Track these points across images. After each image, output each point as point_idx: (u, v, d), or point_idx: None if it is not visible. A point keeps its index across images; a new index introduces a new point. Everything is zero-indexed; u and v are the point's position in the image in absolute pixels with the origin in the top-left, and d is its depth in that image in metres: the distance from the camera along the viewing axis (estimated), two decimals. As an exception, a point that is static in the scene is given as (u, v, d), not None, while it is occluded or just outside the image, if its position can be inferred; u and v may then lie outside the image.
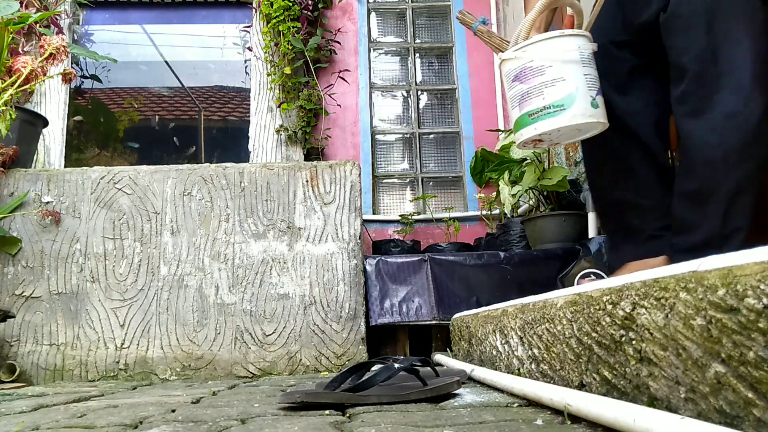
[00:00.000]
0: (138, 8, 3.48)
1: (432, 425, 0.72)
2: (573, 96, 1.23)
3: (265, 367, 1.85)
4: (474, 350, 1.41)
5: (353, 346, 1.89)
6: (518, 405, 0.87)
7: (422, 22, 3.56)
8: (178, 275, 1.92)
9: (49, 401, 1.19)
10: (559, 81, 1.24)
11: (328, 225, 1.98)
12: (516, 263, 2.19)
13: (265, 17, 3.18)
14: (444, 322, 2.05)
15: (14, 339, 1.86)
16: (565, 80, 1.24)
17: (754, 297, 0.44)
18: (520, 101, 1.29)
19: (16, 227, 1.95)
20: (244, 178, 2.01)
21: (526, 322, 0.98)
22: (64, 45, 1.90)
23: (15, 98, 1.88)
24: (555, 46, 1.27)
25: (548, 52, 1.27)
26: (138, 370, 1.84)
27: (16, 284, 1.90)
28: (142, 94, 3.77)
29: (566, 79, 1.24)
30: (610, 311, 0.68)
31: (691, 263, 0.54)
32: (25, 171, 2.03)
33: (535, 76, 1.26)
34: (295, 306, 1.91)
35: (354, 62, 3.35)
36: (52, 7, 3.05)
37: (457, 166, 3.31)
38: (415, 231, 2.99)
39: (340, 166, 2.04)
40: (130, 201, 1.98)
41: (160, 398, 1.20)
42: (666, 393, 0.58)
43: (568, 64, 1.25)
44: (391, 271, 2.16)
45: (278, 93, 3.13)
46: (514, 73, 1.30)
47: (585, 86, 1.25)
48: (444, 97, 3.47)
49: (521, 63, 1.28)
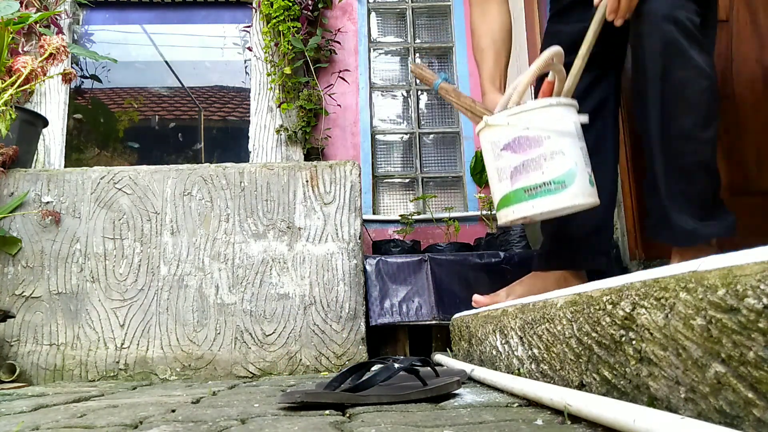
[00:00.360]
0: (138, 8, 3.48)
1: (432, 425, 0.72)
2: (573, 172, 1.13)
3: (265, 367, 1.85)
4: (474, 350, 1.41)
5: (353, 346, 1.89)
6: (518, 405, 0.87)
7: (422, 22, 3.56)
8: (178, 275, 1.92)
9: (49, 401, 1.19)
10: (558, 154, 1.13)
11: (328, 225, 1.98)
12: (516, 263, 2.19)
13: (265, 17, 3.18)
14: (444, 322, 2.05)
15: (14, 339, 1.86)
16: (564, 154, 1.13)
17: (754, 297, 0.44)
18: (512, 174, 1.16)
19: (16, 227, 1.95)
20: (244, 178, 2.01)
21: (526, 322, 0.98)
22: (64, 45, 1.90)
23: (15, 98, 1.88)
24: (552, 116, 1.16)
25: (546, 121, 1.15)
26: (138, 370, 1.84)
27: (16, 284, 1.90)
28: (142, 94, 3.77)
29: (565, 153, 1.13)
30: (610, 311, 0.68)
31: (691, 263, 0.54)
32: (25, 171, 2.03)
33: (531, 147, 1.14)
34: (295, 306, 1.91)
35: (354, 62, 3.35)
36: (52, 7, 3.05)
37: (457, 166, 3.31)
38: (415, 231, 2.99)
39: (340, 166, 2.04)
40: (130, 201, 1.98)
41: (160, 398, 1.20)
42: (666, 393, 0.58)
43: (565, 136, 1.14)
44: (391, 271, 2.16)
45: (278, 93, 3.13)
46: (505, 142, 1.17)
47: (582, 162, 1.15)
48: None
49: (515, 131, 1.16)
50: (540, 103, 1.17)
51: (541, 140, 1.13)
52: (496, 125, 1.19)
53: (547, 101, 1.17)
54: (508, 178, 1.17)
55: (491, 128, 1.21)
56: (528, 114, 1.16)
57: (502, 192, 1.20)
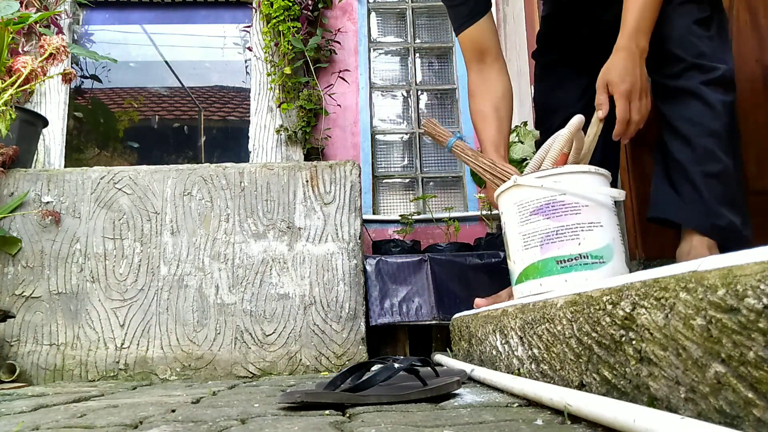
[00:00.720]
0: (138, 8, 3.48)
1: (432, 425, 0.72)
2: (611, 248, 1.03)
3: (265, 367, 1.85)
4: (474, 350, 1.41)
5: (353, 346, 1.89)
6: (518, 405, 0.87)
7: (422, 22, 3.56)
8: (178, 275, 1.92)
9: (49, 401, 1.19)
10: (596, 226, 1.04)
11: (328, 225, 1.98)
12: (516, 263, 2.18)
13: (265, 17, 3.18)
14: (444, 322, 2.05)
15: (14, 339, 1.86)
16: (602, 226, 1.04)
17: (754, 297, 0.44)
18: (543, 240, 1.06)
19: (16, 227, 1.95)
20: (244, 178, 2.01)
21: (526, 322, 0.98)
22: (64, 45, 1.90)
23: (15, 98, 1.88)
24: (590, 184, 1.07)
25: (584, 188, 1.05)
26: (138, 370, 1.84)
27: (16, 284, 1.90)
28: (142, 94, 3.77)
29: (603, 225, 1.04)
30: (610, 311, 0.68)
31: (691, 263, 0.54)
32: (25, 171, 2.03)
33: (568, 214, 1.04)
34: (295, 306, 1.91)
35: (354, 62, 3.35)
36: (52, 7, 3.05)
37: (458, 166, 3.31)
38: (415, 231, 2.99)
39: (340, 166, 2.04)
40: (130, 201, 1.98)
41: (160, 398, 1.20)
42: (666, 393, 0.58)
43: (603, 207, 1.06)
44: (391, 271, 2.16)
45: (278, 93, 3.13)
46: (536, 205, 1.08)
47: (620, 238, 1.07)
48: (444, 97, 3.47)
49: (549, 194, 1.07)
50: (576, 168, 1.09)
51: (578, 208, 1.04)
52: (527, 185, 1.10)
53: (585, 167, 1.09)
54: (537, 246, 1.07)
55: (519, 189, 1.12)
56: (564, 177, 1.07)
57: (527, 261, 1.09)
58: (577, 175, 1.07)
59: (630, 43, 1.22)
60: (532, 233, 1.08)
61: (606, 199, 1.08)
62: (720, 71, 1.24)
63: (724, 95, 1.23)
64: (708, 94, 1.23)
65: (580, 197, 1.05)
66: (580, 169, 1.09)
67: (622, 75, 1.20)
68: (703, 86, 1.24)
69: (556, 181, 1.06)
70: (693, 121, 1.24)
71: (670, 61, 1.28)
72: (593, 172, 1.09)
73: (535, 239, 1.07)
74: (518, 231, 1.12)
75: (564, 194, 1.05)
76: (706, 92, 1.23)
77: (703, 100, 1.23)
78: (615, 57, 1.24)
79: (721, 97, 1.23)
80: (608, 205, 1.07)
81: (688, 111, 1.25)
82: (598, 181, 1.09)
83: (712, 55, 1.26)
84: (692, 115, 1.24)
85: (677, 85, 1.27)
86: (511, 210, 1.14)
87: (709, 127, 1.22)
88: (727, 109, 1.23)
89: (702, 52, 1.26)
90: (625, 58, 1.22)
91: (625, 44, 1.23)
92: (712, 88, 1.23)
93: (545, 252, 1.05)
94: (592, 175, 1.08)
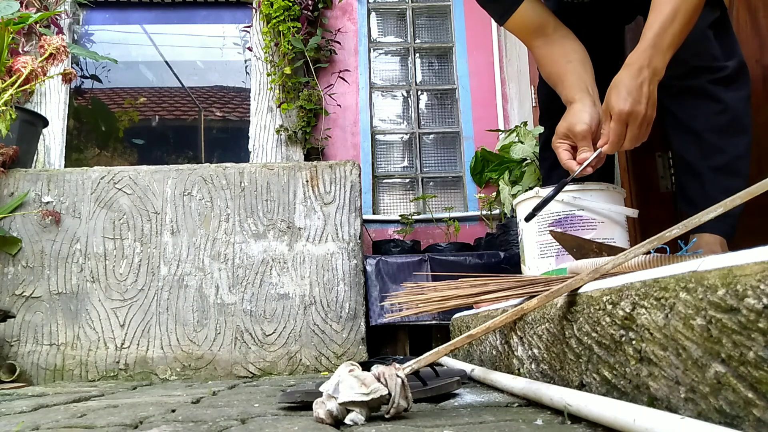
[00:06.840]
0: (138, 8, 3.48)
1: (432, 425, 0.72)
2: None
3: (265, 367, 1.85)
4: (474, 350, 1.41)
5: (353, 346, 1.89)
6: (518, 405, 0.87)
7: (422, 22, 3.56)
8: (178, 275, 1.92)
9: (49, 401, 1.19)
10: (610, 242, 1.07)
11: (328, 225, 1.98)
12: (516, 263, 2.18)
13: (265, 17, 3.18)
14: (444, 322, 2.05)
15: (14, 339, 1.86)
16: (615, 243, 1.07)
17: (754, 297, 0.44)
18: (558, 252, 1.09)
19: (16, 227, 1.95)
20: (244, 178, 2.01)
21: (526, 322, 0.98)
22: (64, 45, 1.90)
23: (15, 98, 1.88)
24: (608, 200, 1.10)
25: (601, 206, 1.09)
26: (138, 370, 1.84)
27: (16, 284, 1.90)
28: (142, 94, 3.77)
29: (616, 241, 1.08)
30: (610, 311, 0.68)
31: (691, 263, 0.54)
32: (25, 171, 2.03)
33: (585, 229, 1.08)
34: (295, 306, 1.91)
35: (354, 62, 3.35)
36: (52, 7, 3.05)
37: (457, 166, 3.31)
38: (415, 231, 2.99)
39: (340, 166, 2.04)
40: (130, 201, 1.98)
41: (160, 398, 1.20)
42: (666, 393, 0.58)
43: (617, 225, 1.09)
44: (391, 271, 2.16)
45: (278, 93, 3.13)
46: (555, 218, 1.11)
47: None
48: (444, 97, 3.47)
49: (569, 209, 1.10)
50: (596, 186, 1.11)
51: (594, 224, 1.08)
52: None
53: (604, 185, 1.12)
54: (553, 256, 1.10)
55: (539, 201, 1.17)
56: (584, 194, 1.10)
57: (541, 269, 1.13)
58: (597, 192, 1.12)
59: (642, 60, 1.06)
60: (548, 243, 1.12)
61: (620, 218, 1.12)
62: (728, 69, 1.23)
63: (734, 90, 1.22)
64: (716, 92, 1.22)
65: (597, 214, 1.10)
66: (599, 186, 1.12)
67: (624, 94, 1.05)
68: (711, 84, 1.23)
69: (575, 197, 1.10)
70: (699, 118, 1.22)
71: (678, 65, 1.25)
72: (611, 189, 1.13)
73: (551, 249, 1.12)
74: (536, 240, 1.16)
75: (582, 210, 1.10)
76: (713, 90, 1.22)
77: (711, 97, 1.22)
78: (621, 72, 1.09)
79: (729, 93, 1.22)
80: (621, 223, 1.12)
81: (695, 107, 1.23)
82: (615, 199, 1.13)
83: (721, 55, 1.25)
84: (699, 111, 1.23)
85: (683, 84, 1.26)
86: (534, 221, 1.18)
87: (716, 122, 1.21)
88: (735, 104, 1.21)
89: (713, 55, 1.25)
90: (632, 77, 1.05)
91: (635, 60, 1.07)
92: (720, 87, 1.23)
93: (559, 263, 1.10)
94: (610, 193, 1.13)
